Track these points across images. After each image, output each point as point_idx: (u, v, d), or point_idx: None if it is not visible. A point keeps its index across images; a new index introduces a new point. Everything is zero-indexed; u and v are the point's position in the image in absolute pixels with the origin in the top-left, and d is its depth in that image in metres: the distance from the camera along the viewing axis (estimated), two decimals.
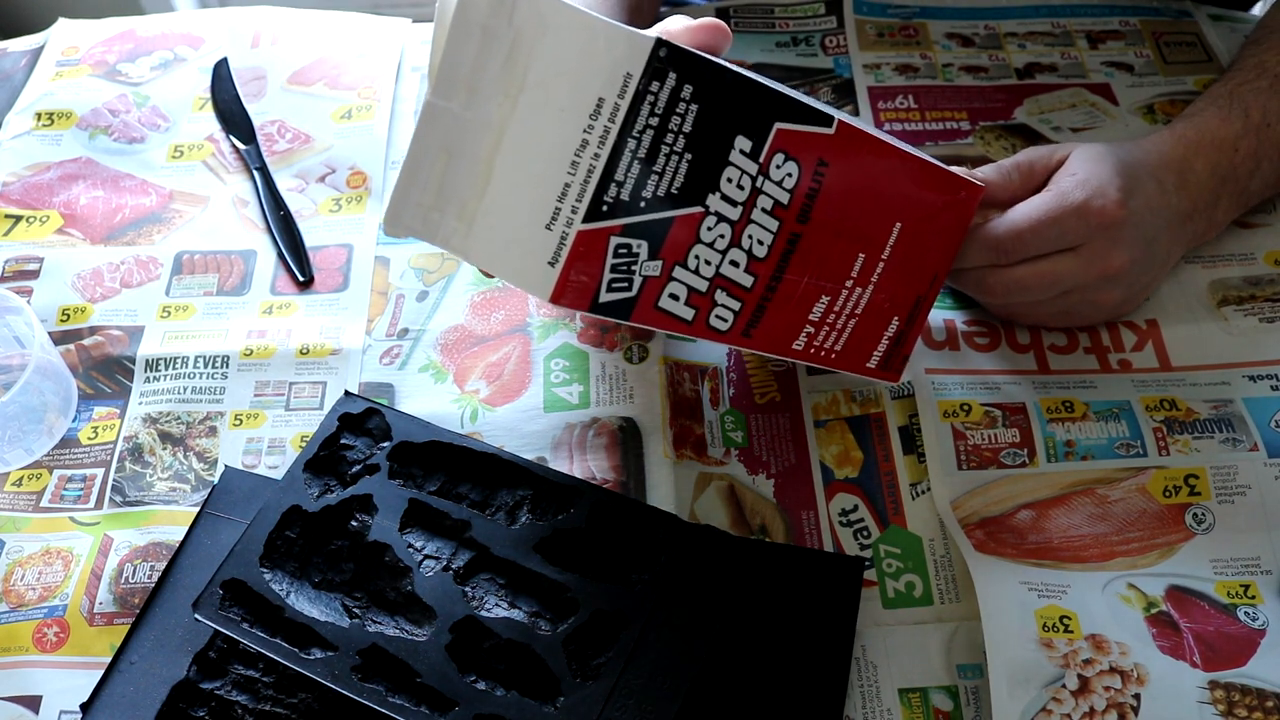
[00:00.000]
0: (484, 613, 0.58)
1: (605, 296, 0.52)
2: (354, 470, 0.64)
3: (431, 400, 0.72)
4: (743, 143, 0.53)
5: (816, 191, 0.56)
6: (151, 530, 0.66)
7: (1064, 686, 0.57)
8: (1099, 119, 0.83)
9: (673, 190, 0.52)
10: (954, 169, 0.63)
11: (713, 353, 0.73)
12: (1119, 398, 0.68)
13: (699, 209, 0.53)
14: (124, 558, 0.65)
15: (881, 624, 0.61)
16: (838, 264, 0.59)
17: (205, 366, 0.74)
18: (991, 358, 0.71)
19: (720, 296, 0.55)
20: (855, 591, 0.61)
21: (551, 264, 0.51)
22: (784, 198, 0.55)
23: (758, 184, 0.54)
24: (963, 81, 0.87)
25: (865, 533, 0.65)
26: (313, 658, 0.56)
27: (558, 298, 0.51)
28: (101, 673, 0.59)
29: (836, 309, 0.59)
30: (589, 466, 0.68)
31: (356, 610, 0.59)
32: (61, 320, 0.77)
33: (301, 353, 0.74)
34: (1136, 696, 0.57)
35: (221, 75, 0.91)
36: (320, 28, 0.95)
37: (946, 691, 0.59)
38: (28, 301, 0.77)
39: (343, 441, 0.65)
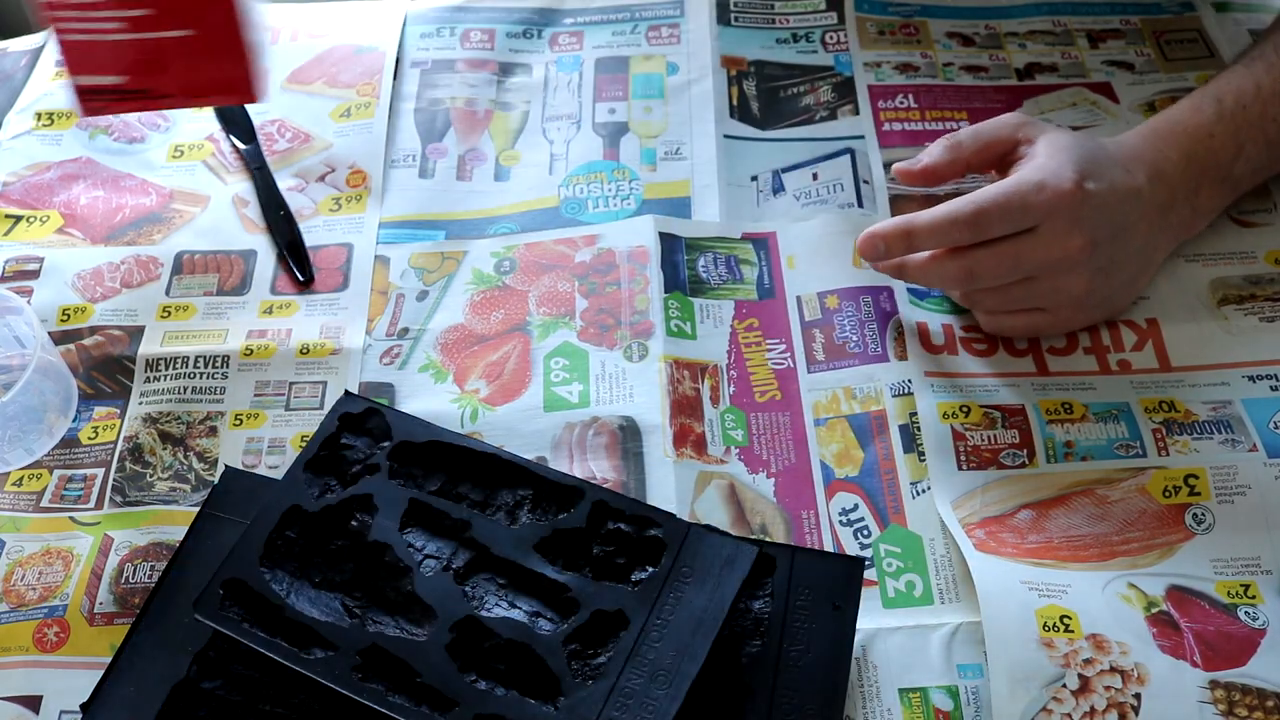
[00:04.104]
0: (484, 612, 0.58)
1: None
2: (354, 470, 0.64)
3: (431, 400, 0.72)
4: None
5: None
6: (152, 530, 0.66)
7: (1064, 686, 0.57)
8: (1100, 118, 0.83)
9: None
10: None
11: (713, 351, 0.73)
12: (1118, 399, 0.68)
13: None
14: (124, 558, 0.65)
15: (881, 624, 0.61)
16: None
17: (205, 366, 0.74)
18: (990, 362, 0.71)
19: None
20: (855, 591, 0.61)
21: None
22: None
23: None
24: (963, 81, 0.87)
25: (865, 532, 0.65)
26: (313, 658, 0.56)
27: None
28: (101, 673, 0.59)
29: None
30: (589, 466, 0.68)
31: (356, 610, 0.59)
32: (62, 320, 0.77)
33: (301, 352, 0.74)
34: (1137, 696, 0.57)
35: None
36: (318, 20, 0.95)
37: (947, 691, 0.59)
38: (28, 301, 0.77)
39: (343, 441, 0.65)
